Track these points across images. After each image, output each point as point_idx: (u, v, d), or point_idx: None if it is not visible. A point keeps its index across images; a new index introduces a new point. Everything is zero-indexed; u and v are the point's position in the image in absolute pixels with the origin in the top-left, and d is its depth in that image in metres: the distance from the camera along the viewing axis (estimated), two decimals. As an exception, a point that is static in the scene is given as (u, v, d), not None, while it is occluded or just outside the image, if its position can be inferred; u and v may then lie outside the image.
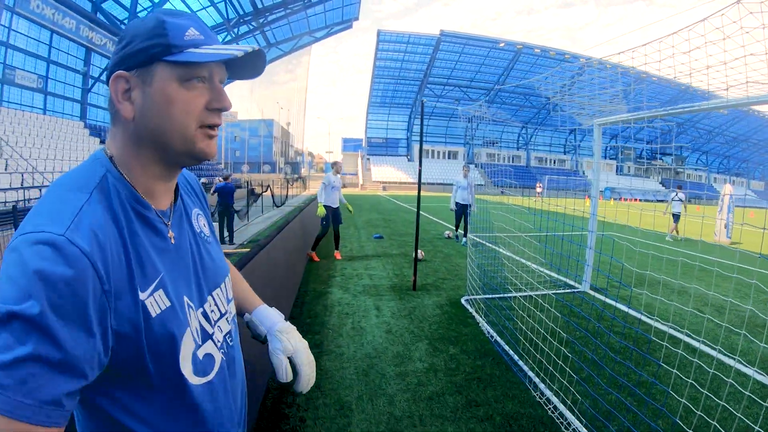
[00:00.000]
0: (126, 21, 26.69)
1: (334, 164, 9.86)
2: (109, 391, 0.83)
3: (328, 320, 5.53)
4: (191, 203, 1.14)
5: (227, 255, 7.34)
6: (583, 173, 68.99)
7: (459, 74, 60.55)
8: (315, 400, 3.57)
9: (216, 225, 11.57)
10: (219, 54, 0.87)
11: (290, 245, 6.64)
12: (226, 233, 12.43)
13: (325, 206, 9.13)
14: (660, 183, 70.77)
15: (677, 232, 14.95)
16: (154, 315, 0.84)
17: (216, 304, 1.06)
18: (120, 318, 0.79)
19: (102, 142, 25.83)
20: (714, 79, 3.85)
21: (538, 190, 37.58)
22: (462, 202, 11.17)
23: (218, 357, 1.00)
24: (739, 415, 2.95)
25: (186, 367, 0.89)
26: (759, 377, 4.10)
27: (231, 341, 1.10)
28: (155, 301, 0.85)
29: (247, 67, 1.00)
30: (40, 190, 15.80)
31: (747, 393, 3.12)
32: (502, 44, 54.22)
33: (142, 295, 0.83)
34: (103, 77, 28.44)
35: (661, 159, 74.40)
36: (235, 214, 12.93)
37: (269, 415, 3.33)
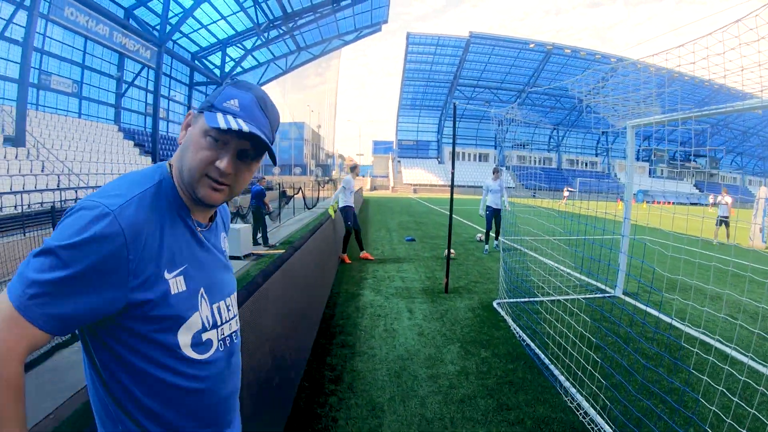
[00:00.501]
0: (158, 27, 27.47)
1: (354, 168, 10.01)
2: (121, 335, 1.04)
3: (360, 322, 5.62)
4: (221, 228, 1.41)
5: (260, 256, 7.54)
6: (615, 175, 67.82)
7: (489, 76, 60.31)
8: (347, 400, 3.65)
9: (249, 226, 11.77)
10: (217, 122, 1.05)
11: (323, 247, 6.74)
12: (259, 234, 12.63)
13: (347, 207, 9.33)
14: (694, 186, 69.02)
15: (716, 236, 14.62)
16: (173, 293, 1.08)
17: (229, 307, 1.30)
18: (144, 281, 1.02)
19: (135, 145, 26.62)
20: (749, 80, 3.80)
21: (565, 194, 36.85)
22: (494, 206, 11.01)
23: (216, 345, 1.20)
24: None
25: (183, 339, 1.11)
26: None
27: (236, 339, 1.32)
28: (176, 283, 1.09)
29: (262, 149, 1.17)
30: (76, 192, 16.37)
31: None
32: (532, 45, 53.83)
33: (167, 275, 1.07)
34: (137, 82, 29.49)
35: (694, 161, 72.53)
36: (267, 216, 13.10)
37: (302, 414, 3.42)
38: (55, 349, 5.20)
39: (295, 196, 22.58)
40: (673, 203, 42.00)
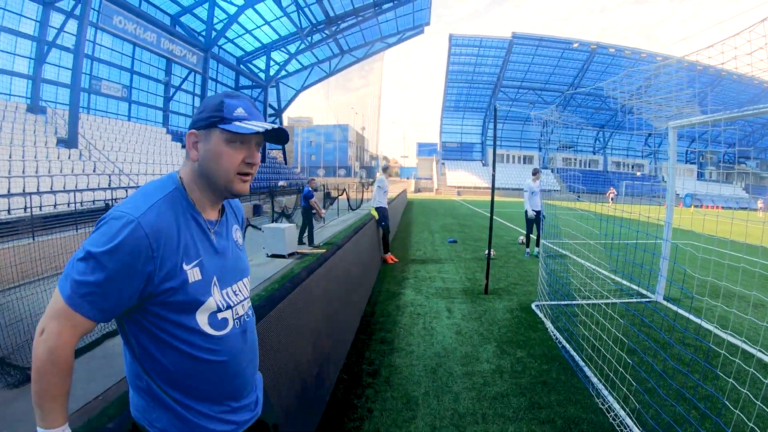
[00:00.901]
0: (203, 33, 28.43)
1: (386, 168, 10.15)
2: (148, 316, 1.27)
3: (400, 319, 5.78)
4: (233, 221, 1.61)
5: (304, 255, 7.81)
6: (663, 178, 65.62)
7: (533, 77, 59.35)
8: (383, 393, 3.82)
9: (294, 225, 12.08)
10: (252, 128, 1.31)
11: (365, 247, 6.92)
12: (305, 234, 12.93)
13: (379, 208, 9.51)
14: (743, 189, 65.88)
15: None
16: (190, 281, 1.29)
17: (238, 291, 1.49)
18: (166, 273, 1.24)
19: (183, 147, 27.47)
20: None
21: (610, 196, 35.78)
22: (535, 209, 10.77)
23: (231, 323, 1.42)
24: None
25: (201, 318, 1.32)
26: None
27: (248, 318, 1.52)
28: (193, 273, 1.30)
29: (278, 137, 1.44)
30: (126, 191, 17.16)
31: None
32: (575, 45, 52.68)
33: (185, 267, 1.29)
34: (184, 86, 30.51)
35: (744, 163, 69.17)
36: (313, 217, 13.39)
37: (339, 404, 3.61)
38: (105, 337, 5.62)
39: (339, 197, 22.90)
40: (722, 207, 40.42)
